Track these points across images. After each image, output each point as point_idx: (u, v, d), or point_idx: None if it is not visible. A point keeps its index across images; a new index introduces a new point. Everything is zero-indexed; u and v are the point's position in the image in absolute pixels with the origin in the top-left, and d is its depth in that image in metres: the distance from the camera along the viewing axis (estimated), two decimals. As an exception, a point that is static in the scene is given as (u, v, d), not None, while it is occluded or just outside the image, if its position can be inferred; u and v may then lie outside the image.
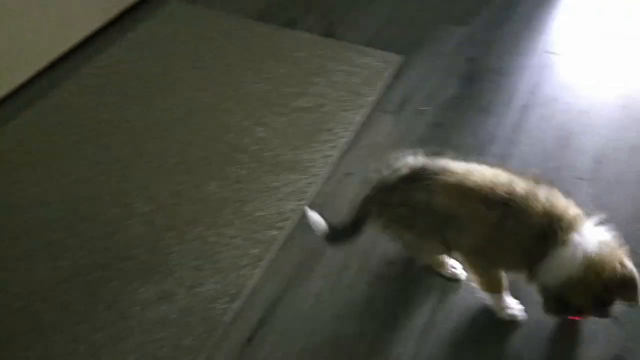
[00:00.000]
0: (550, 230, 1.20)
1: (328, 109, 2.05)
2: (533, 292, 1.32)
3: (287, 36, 2.38)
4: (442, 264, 1.51)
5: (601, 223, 1.25)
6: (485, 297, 1.43)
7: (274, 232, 1.65)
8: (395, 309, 1.47)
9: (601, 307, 1.25)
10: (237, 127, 2.00)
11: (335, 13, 2.50)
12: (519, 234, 1.23)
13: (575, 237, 1.19)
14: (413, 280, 1.52)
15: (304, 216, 1.58)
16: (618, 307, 1.25)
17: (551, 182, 1.28)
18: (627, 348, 1.36)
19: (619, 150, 1.82)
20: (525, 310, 1.42)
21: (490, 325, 1.42)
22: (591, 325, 1.38)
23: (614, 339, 1.37)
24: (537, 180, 1.27)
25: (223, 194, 1.78)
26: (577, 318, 1.37)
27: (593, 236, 1.21)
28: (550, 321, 1.40)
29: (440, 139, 1.90)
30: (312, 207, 1.63)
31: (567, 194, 1.26)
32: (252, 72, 2.22)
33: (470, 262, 1.39)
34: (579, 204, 1.24)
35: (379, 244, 1.58)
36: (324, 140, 1.92)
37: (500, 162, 1.78)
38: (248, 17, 2.49)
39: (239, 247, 1.62)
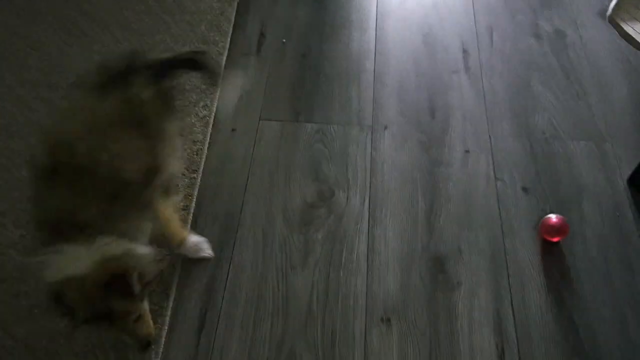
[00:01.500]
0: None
1: (183, 66, 1.76)
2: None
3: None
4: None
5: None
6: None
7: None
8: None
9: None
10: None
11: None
12: None
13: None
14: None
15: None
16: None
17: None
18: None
19: (481, 35, 1.84)
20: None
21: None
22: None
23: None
24: None
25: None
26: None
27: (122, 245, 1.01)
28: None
29: (310, 69, 1.75)
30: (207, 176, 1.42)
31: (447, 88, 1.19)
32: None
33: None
34: (466, 94, 1.20)
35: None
36: (193, 102, 1.65)
37: (380, 73, 1.73)
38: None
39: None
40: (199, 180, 1.47)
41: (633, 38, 1.27)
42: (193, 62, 1.23)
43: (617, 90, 1.65)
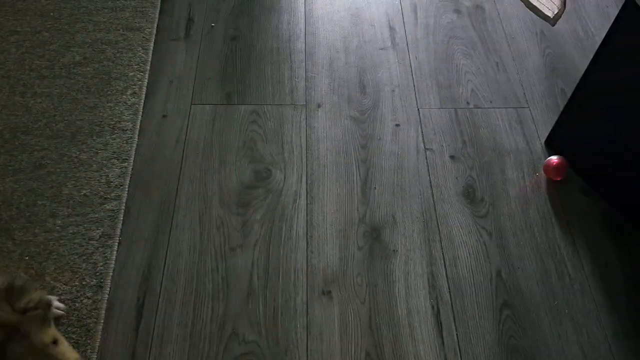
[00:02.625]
0: None
1: (108, 54, 1.66)
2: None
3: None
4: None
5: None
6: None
7: (112, 205, 1.34)
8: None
9: None
10: (8, 107, 1.53)
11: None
12: None
13: None
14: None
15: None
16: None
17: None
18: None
19: (406, 13, 1.84)
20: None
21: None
22: None
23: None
24: None
25: (27, 187, 1.37)
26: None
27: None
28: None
29: (241, 51, 1.71)
30: (140, 164, 1.36)
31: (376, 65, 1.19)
32: (-8, 37, 1.70)
33: None
34: (394, 70, 1.20)
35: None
36: (120, 90, 1.58)
37: (310, 53, 1.71)
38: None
39: (76, 236, 1.28)
40: (130, 169, 1.41)
41: (537, 8, 1.30)
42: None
43: (531, 59, 1.70)
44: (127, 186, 1.38)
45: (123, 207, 1.34)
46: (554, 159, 1.43)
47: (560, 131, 1.42)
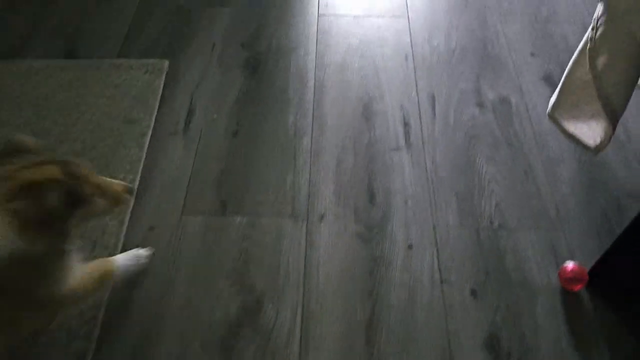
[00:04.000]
0: None
1: (101, 151, 1.50)
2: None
3: (13, 69, 1.72)
4: None
5: None
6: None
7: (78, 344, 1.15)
8: None
9: None
10: None
11: (70, 27, 1.87)
12: None
13: None
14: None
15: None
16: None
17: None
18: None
19: (423, 105, 1.64)
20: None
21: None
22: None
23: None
24: None
25: None
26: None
27: None
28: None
29: (242, 149, 1.51)
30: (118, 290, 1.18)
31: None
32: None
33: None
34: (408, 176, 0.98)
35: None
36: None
37: (317, 152, 1.52)
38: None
39: None
40: (106, 296, 1.23)
41: (575, 137, 1.09)
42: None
43: (565, 167, 1.46)
44: (100, 318, 1.19)
45: (93, 346, 1.15)
46: (570, 265, 1.22)
47: (606, 269, 1.18)
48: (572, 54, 1.65)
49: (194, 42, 1.81)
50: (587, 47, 0.94)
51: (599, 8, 0.94)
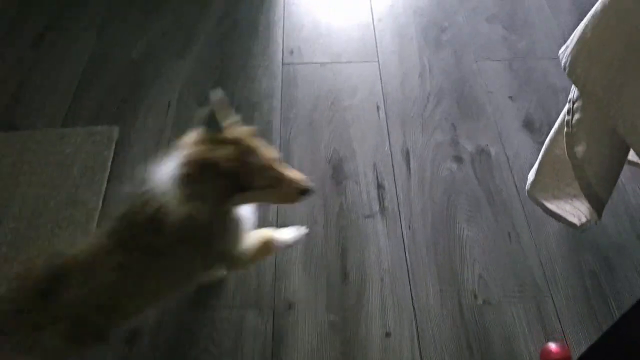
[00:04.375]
0: None
1: (44, 235, 1.37)
2: None
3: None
4: None
5: None
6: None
7: None
8: None
9: None
10: None
11: (7, 95, 1.72)
12: None
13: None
14: None
15: None
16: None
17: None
18: None
19: (397, 162, 1.53)
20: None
21: None
22: None
23: None
24: None
25: None
26: None
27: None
28: None
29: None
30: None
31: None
32: None
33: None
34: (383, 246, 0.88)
35: None
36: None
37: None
38: None
39: None
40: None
41: (558, 214, 0.98)
42: None
43: (551, 225, 1.34)
44: None
45: None
46: (552, 347, 1.12)
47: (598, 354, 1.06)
48: (553, 93, 1.54)
49: (147, 102, 1.69)
50: (565, 131, 0.84)
51: (574, 90, 0.84)
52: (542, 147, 1.04)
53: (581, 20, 0.83)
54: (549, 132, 0.99)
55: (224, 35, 1.89)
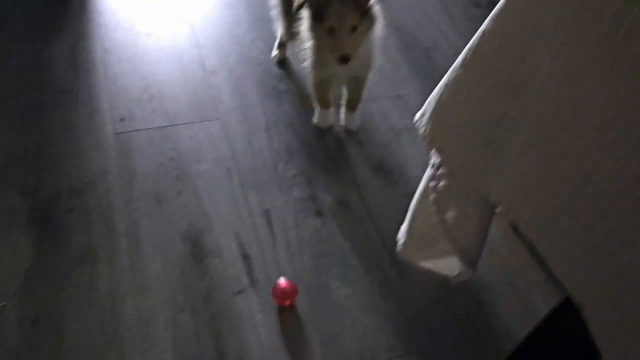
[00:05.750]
0: None
1: None
2: None
3: None
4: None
5: None
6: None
7: None
8: None
9: None
10: None
11: None
12: None
13: None
14: None
15: None
16: None
17: None
18: None
19: (259, 227, 1.46)
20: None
21: None
22: None
23: None
24: None
25: None
26: None
27: None
28: None
29: (48, 340, 1.20)
30: None
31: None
32: None
33: None
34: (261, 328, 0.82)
35: None
36: None
37: (146, 323, 1.25)
38: None
39: None
40: None
41: (433, 271, 1.04)
42: None
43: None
44: None
45: None
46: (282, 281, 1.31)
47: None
48: (394, 134, 1.62)
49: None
50: (431, 198, 0.88)
51: (435, 156, 0.88)
52: (395, 189, 1.07)
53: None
54: (398, 174, 1.03)
55: (38, 107, 1.66)
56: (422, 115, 0.89)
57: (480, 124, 0.80)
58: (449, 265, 1.02)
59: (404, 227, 1.05)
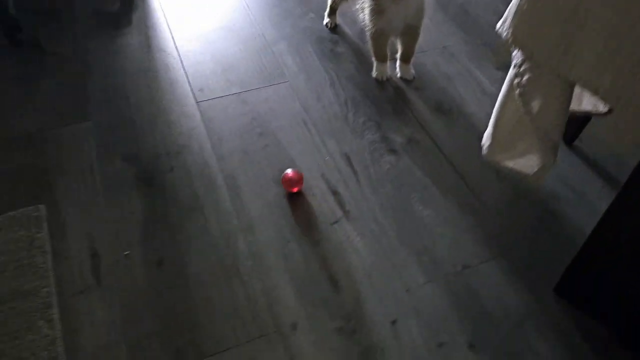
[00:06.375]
0: None
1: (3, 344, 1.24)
2: None
3: None
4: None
5: None
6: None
7: None
8: None
9: None
10: None
11: None
12: None
13: None
14: None
15: None
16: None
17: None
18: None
19: (341, 167, 1.64)
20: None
21: None
22: None
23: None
24: None
25: None
26: None
27: None
28: None
29: (175, 279, 1.36)
30: None
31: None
32: None
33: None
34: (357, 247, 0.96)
35: None
36: None
37: (258, 255, 1.42)
38: None
39: None
40: None
41: (515, 170, 1.18)
42: None
43: (492, 184, 1.59)
44: None
45: None
46: (289, 172, 1.55)
47: (572, 279, 1.28)
48: (447, 79, 1.75)
49: (65, 171, 1.60)
50: (517, 93, 1.02)
51: (517, 54, 1.03)
52: (457, 124, 1.21)
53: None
54: (457, 112, 1.18)
55: (121, 86, 1.86)
56: (503, 22, 1.04)
57: (557, 16, 0.95)
58: (529, 164, 1.17)
59: (488, 132, 1.19)
